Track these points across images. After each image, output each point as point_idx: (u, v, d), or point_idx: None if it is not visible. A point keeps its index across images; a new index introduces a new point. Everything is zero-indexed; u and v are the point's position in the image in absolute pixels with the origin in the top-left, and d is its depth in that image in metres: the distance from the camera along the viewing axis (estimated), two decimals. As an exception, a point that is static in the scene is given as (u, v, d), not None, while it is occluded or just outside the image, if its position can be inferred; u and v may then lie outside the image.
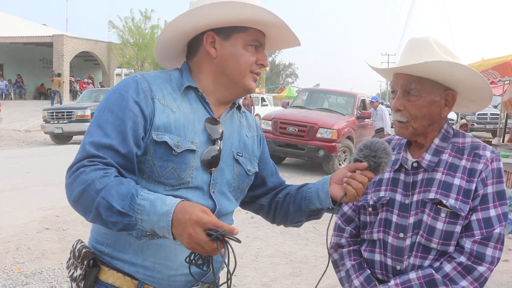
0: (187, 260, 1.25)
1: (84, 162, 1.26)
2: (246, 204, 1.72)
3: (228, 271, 1.17)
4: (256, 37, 1.49)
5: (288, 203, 1.63)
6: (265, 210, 1.70)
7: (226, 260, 1.21)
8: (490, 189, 1.55)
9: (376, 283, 1.66)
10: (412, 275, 1.55)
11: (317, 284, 1.64)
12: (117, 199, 1.19)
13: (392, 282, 1.58)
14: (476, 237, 1.51)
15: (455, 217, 1.53)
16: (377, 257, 1.66)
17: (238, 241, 1.14)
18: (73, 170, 1.27)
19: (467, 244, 1.51)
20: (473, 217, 1.53)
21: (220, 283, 1.43)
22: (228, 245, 1.14)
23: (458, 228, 1.53)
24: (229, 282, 1.20)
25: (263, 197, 1.71)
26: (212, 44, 1.47)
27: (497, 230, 1.51)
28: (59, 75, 26.07)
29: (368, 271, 1.69)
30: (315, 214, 1.60)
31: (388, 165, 1.50)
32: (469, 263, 1.50)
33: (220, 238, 1.12)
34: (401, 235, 1.60)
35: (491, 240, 1.50)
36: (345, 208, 1.79)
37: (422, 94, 1.57)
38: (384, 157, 1.46)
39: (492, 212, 1.52)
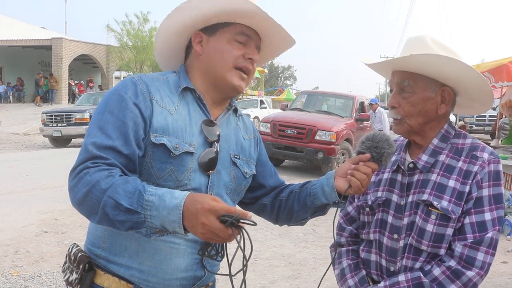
0: (200, 252, 1.23)
1: (88, 164, 1.25)
2: (247, 205, 1.72)
3: (244, 256, 1.15)
4: (241, 29, 1.48)
5: (292, 201, 1.63)
6: (268, 210, 1.70)
7: (242, 246, 1.17)
8: (486, 192, 1.51)
9: (371, 283, 1.66)
10: (401, 277, 1.54)
11: (318, 286, 1.65)
12: (124, 197, 1.17)
13: (381, 284, 1.58)
14: (468, 241, 1.48)
15: (446, 220, 1.50)
16: (373, 257, 1.67)
17: (254, 223, 1.13)
18: (76, 172, 1.25)
19: (458, 247, 1.49)
20: (467, 220, 1.50)
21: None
22: (244, 230, 1.12)
23: (449, 231, 1.50)
24: (245, 268, 1.17)
25: (265, 197, 1.70)
26: (200, 43, 1.49)
27: (489, 235, 1.47)
28: (51, 75, 26.39)
29: (364, 272, 1.69)
30: (321, 210, 1.60)
31: (391, 156, 1.50)
32: (459, 267, 1.47)
33: (235, 223, 1.10)
34: (395, 236, 1.59)
35: (483, 245, 1.47)
36: (349, 208, 1.79)
37: (416, 91, 1.56)
38: (387, 147, 1.47)
39: (488, 216, 1.49)
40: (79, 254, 1.43)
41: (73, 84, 28.88)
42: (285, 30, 1.52)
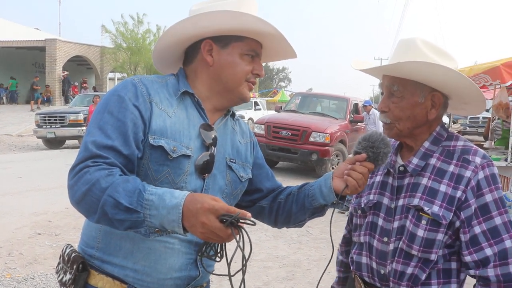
0: (199, 252, 1.23)
1: (88, 163, 1.25)
2: (245, 208, 1.70)
3: (243, 256, 1.15)
4: (253, 46, 1.49)
5: (290, 202, 1.64)
6: (266, 212, 1.70)
7: (241, 246, 1.18)
8: (489, 197, 1.47)
9: (363, 285, 1.67)
10: None
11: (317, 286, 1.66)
12: (124, 196, 1.17)
13: None
14: (495, 262, 1.43)
15: (436, 225, 1.48)
16: (364, 259, 1.67)
17: (253, 223, 1.13)
18: (76, 171, 1.25)
19: (490, 272, 1.43)
20: (478, 230, 1.45)
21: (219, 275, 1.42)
22: (243, 229, 1.13)
23: (440, 236, 1.48)
24: (244, 268, 1.18)
25: (263, 200, 1.71)
26: (209, 52, 1.48)
27: (508, 244, 1.44)
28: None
29: None
30: (319, 211, 1.61)
31: (388, 155, 1.51)
32: None
33: (235, 223, 1.11)
34: (385, 239, 1.59)
35: (509, 257, 1.43)
36: (350, 209, 1.83)
37: (405, 96, 1.54)
38: (383, 147, 1.48)
39: (498, 220, 1.45)
40: (73, 255, 1.43)
41: (63, 74, 27.90)
42: (291, 46, 1.55)
